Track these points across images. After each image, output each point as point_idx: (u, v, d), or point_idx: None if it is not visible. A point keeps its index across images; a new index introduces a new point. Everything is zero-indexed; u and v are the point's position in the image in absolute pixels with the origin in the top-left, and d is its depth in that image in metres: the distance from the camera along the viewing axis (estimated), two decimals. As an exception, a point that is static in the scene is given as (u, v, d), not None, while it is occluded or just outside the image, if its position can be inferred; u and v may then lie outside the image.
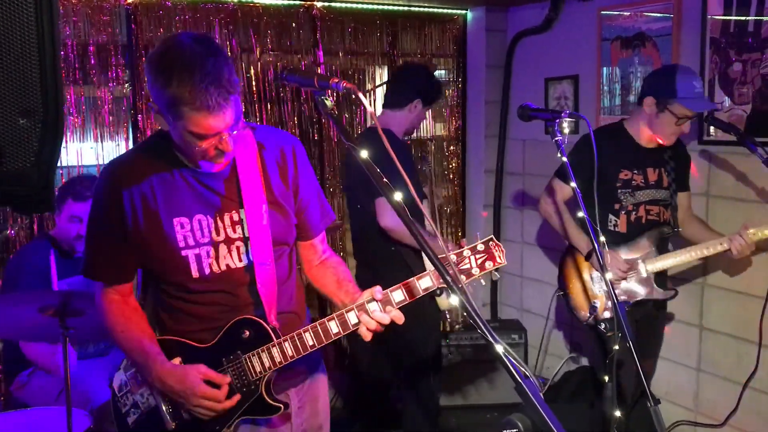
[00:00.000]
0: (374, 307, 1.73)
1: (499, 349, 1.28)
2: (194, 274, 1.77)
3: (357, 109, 4.44)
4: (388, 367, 3.48)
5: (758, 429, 3.33)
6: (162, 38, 3.04)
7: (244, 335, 1.78)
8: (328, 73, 4.23)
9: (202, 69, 1.55)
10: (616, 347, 2.28)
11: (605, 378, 2.36)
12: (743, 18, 3.21)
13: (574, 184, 2.29)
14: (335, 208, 4.21)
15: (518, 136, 4.63)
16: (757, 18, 3.15)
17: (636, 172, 3.05)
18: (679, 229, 3.13)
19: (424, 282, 1.73)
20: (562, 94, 4.25)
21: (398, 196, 1.44)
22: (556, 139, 2.33)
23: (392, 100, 3.38)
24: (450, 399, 4.13)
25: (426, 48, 4.69)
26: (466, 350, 4.18)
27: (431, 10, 4.64)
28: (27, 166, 0.96)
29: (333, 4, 4.24)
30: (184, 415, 1.80)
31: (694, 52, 3.42)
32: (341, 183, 4.23)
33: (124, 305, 1.86)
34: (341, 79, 1.52)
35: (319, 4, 4.19)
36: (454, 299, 1.35)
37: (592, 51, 4.00)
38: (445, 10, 4.69)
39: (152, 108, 1.68)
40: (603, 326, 2.92)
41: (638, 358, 2.09)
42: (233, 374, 1.79)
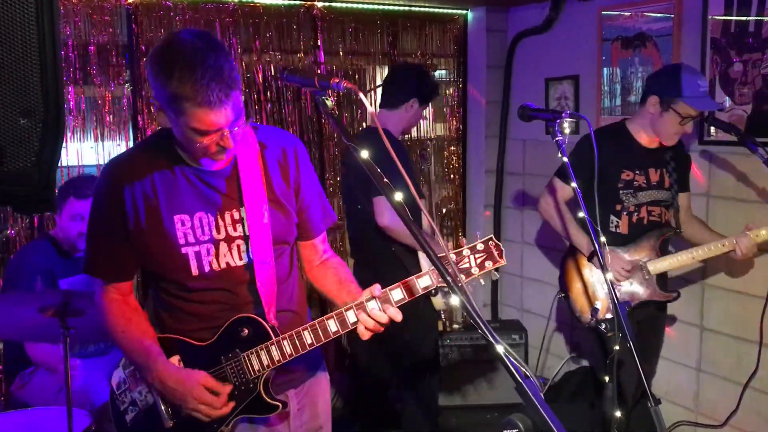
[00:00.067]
0: (373, 305, 1.72)
1: (500, 349, 1.28)
2: (194, 272, 1.77)
3: (357, 110, 4.44)
4: (387, 368, 3.48)
5: (759, 429, 3.32)
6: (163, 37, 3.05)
7: (242, 333, 1.78)
8: (329, 73, 4.25)
9: (203, 65, 1.55)
10: (617, 347, 2.28)
11: (606, 378, 2.36)
12: (744, 18, 3.21)
13: (574, 184, 2.29)
14: (336, 208, 4.21)
15: (518, 137, 4.63)
16: (757, 18, 3.15)
17: (638, 172, 3.04)
18: (680, 231, 3.12)
19: (423, 281, 1.73)
20: (563, 94, 4.25)
21: (399, 195, 1.44)
22: (557, 139, 2.33)
23: (389, 99, 3.38)
24: (450, 399, 4.13)
25: (426, 48, 4.69)
26: (466, 350, 4.18)
27: (432, 10, 4.64)
28: (28, 165, 0.96)
29: (333, 4, 4.24)
30: (181, 414, 1.80)
31: (694, 53, 3.42)
32: (341, 183, 4.23)
33: (124, 305, 1.86)
34: (342, 79, 1.53)
35: (319, 4, 4.19)
36: (454, 299, 1.35)
37: (593, 51, 4.00)
38: (446, 10, 4.69)
39: (154, 104, 1.68)
40: (603, 326, 2.92)
41: (639, 358, 2.09)
42: (232, 372, 1.79)
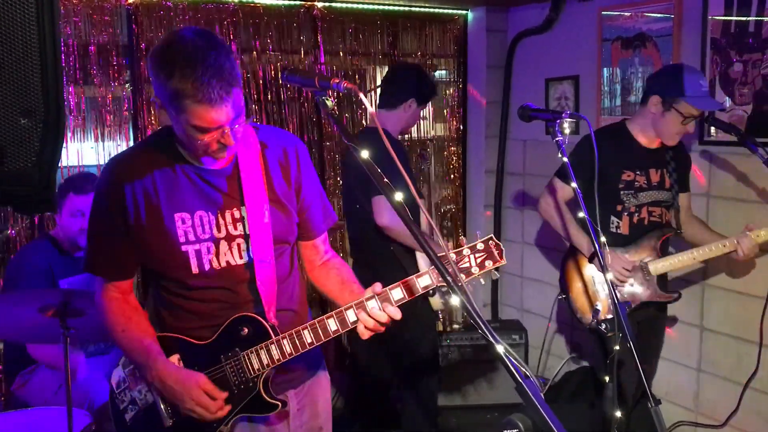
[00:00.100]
0: (373, 305, 1.73)
1: (500, 349, 1.28)
2: (194, 270, 1.77)
3: (357, 110, 4.44)
4: (386, 368, 3.48)
5: (759, 429, 3.32)
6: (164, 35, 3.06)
7: (242, 332, 1.79)
8: (329, 74, 4.25)
9: (204, 62, 1.56)
10: (617, 347, 2.28)
11: (606, 378, 2.36)
12: (744, 18, 3.21)
13: (574, 184, 2.29)
14: (336, 208, 4.21)
15: (519, 137, 4.63)
16: (757, 18, 3.15)
17: (639, 173, 3.03)
18: (681, 231, 3.11)
19: (423, 280, 1.73)
20: (563, 94, 4.25)
21: (399, 195, 1.44)
22: (557, 139, 2.33)
23: (387, 100, 3.38)
24: (450, 399, 4.13)
25: (427, 48, 4.69)
26: (467, 350, 4.18)
27: (432, 10, 4.64)
28: (28, 166, 0.96)
29: (334, 5, 4.24)
30: (181, 413, 1.80)
31: (694, 53, 3.42)
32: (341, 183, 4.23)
33: (124, 303, 1.86)
34: (342, 79, 1.53)
35: (319, 5, 4.19)
36: (454, 299, 1.35)
37: (593, 51, 4.00)
38: (446, 11, 4.69)
39: (155, 102, 1.68)
40: (604, 326, 2.92)
41: (639, 359, 2.09)
42: (231, 371, 1.79)
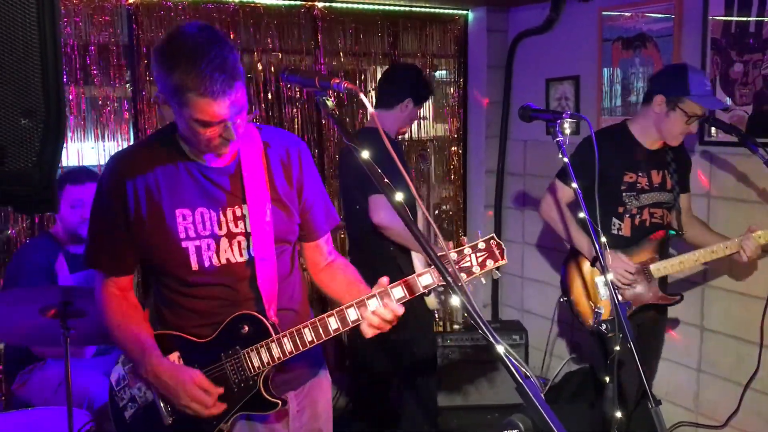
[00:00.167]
0: (374, 303, 1.73)
1: (500, 349, 1.28)
2: (193, 266, 1.77)
3: (358, 110, 4.44)
4: (385, 368, 3.48)
5: (759, 430, 3.32)
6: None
7: (243, 330, 1.79)
8: (329, 74, 4.24)
9: (207, 56, 1.57)
10: (617, 348, 2.27)
11: (606, 379, 2.36)
12: (744, 19, 3.21)
13: (575, 184, 2.29)
14: (336, 208, 4.21)
15: (519, 137, 4.63)
16: (758, 19, 3.15)
17: (640, 174, 3.00)
18: (682, 233, 3.08)
19: (425, 279, 1.73)
20: (563, 94, 4.25)
21: (399, 196, 1.44)
22: (558, 139, 2.32)
23: (383, 100, 3.38)
24: (451, 399, 4.12)
25: (427, 48, 4.69)
26: (467, 350, 4.17)
27: (432, 10, 4.64)
28: (29, 166, 0.96)
29: (334, 5, 4.24)
30: (181, 411, 1.80)
31: (695, 53, 3.42)
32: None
33: (123, 300, 1.87)
34: (342, 79, 1.53)
35: (320, 5, 4.19)
36: (454, 299, 1.35)
37: (593, 51, 4.00)
38: (446, 11, 4.69)
39: (159, 98, 1.68)
40: (604, 327, 2.91)
41: (639, 360, 2.09)
42: (231, 369, 1.79)
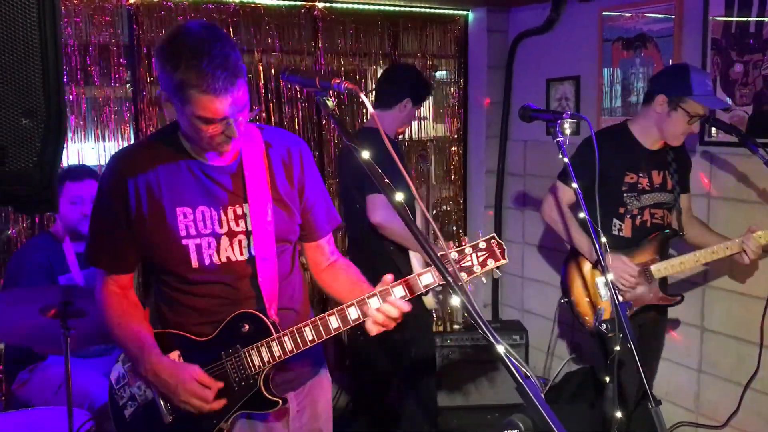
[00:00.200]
0: (375, 302, 1.73)
1: (501, 349, 1.28)
2: (194, 264, 1.77)
3: (358, 110, 4.44)
4: (384, 368, 3.48)
5: (759, 430, 3.32)
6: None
7: (243, 329, 1.79)
8: (330, 74, 4.24)
9: (210, 53, 1.58)
10: (617, 348, 2.27)
11: (606, 379, 2.35)
12: (745, 19, 3.21)
13: (575, 184, 2.29)
14: (336, 208, 4.21)
15: (519, 137, 4.63)
16: (758, 19, 3.15)
17: (641, 175, 2.99)
18: (683, 234, 3.07)
19: (425, 278, 1.73)
20: (564, 95, 4.26)
21: (399, 196, 1.44)
22: (558, 140, 2.32)
23: (382, 100, 3.38)
24: (451, 399, 4.13)
25: (427, 49, 4.69)
26: (467, 350, 4.17)
27: (432, 10, 4.64)
28: (29, 166, 0.96)
29: (334, 5, 4.24)
30: (181, 409, 1.80)
31: (695, 53, 3.42)
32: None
33: (123, 298, 1.87)
34: (343, 79, 1.53)
35: (320, 5, 4.19)
36: (454, 299, 1.35)
37: (594, 52, 4.00)
38: (447, 11, 4.70)
39: (161, 95, 1.69)
40: (604, 327, 2.91)
41: (639, 360, 2.09)
42: (232, 368, 1.79)
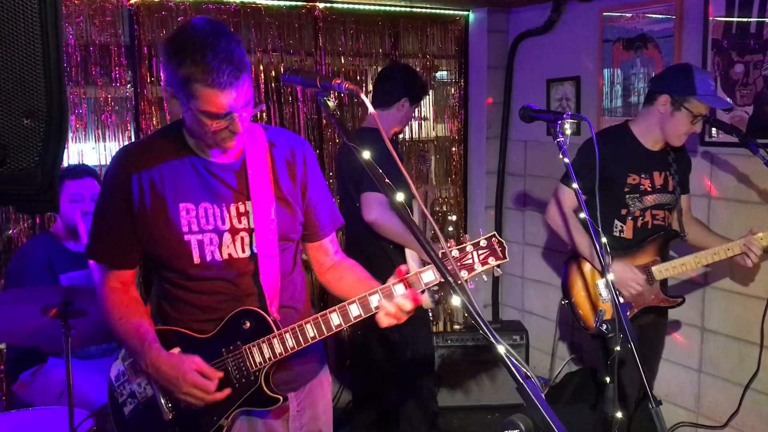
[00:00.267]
0: (376, 300, 1.73)
1: (501, 349, 1.28)
2: (195, 260, 1.78)
3: (359, 110, 4.44)
4: (384, 368, 3.49)
5: (760, 430, 3.32)
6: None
7: (244, 326, 1.79)
8: (330, 74, 4.25)
9: (215, 48, 1.59)
10: (618, 348, 2.27)
11: (606, 379, 2.35)
12: (745, 19, 3.21)
13: (576, 185, 2.29)
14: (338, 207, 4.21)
15: (520, 137, 4.63)
16: (759, 20, 3.15)
17: (643, 176, 2.97)
18: (685, 235, 3.06)
19: (427, 276, 1.73)
20: (564, 95, 4.26)
21: (400, 196, 1.44)
22: (558, 140, 2.32)
23: (379, 100, 3.39)
24: (451, 400, 4.13)
25: (428, 49, 4.70)
26: (468, 351, 4.18)
27: (433, 11, 4.64)
28: (31, 166, 0.96)
29: (335, 5, 4.24)
30: (181, 406, 1.80)
31: (695, 54, 3.42)
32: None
33: (124, 294, 1.87)
34: (343, 80, 1.53)
35: (320, 5, 4.19)
36: (455, 299, 1.35)
37: (594, 52, 4.01)
38: (447, 11, 4.70)
39: (167, 92, 1.71)
40: (605, 327, 2.91)
41: (640, 360, 2.09)
42: (233, 365, 1.79)
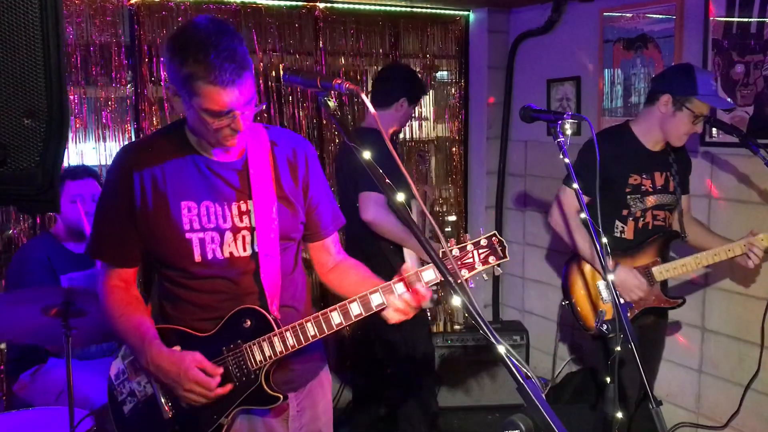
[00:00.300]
0: (377, 298, 1.73)
1: (501, 349, 1.28)
2: (196, 258, 1.78)
3: (359, 110, 4.44)
4: (383, 368, 3.49)
5: (760, 431, 3.32)
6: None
7: (245, 324, 1.79)
8: (331, 74, 4.24)
9: (217, 46, 1.59)
10: (618, 348, 2.27)
11: (607, 379, 2.35)
12: (746, 20, 3.21)
13: (576, 185, 2.29)
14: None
15: (520, 138, 4.63)
16: (759, 20, 3.15)
17: (645, 176, 2.96)
18: (686, 236, 3.05)
19: (427, 274, 1.73)
20: (564, 95, 4.26)
21: (401, 196, 1.44)
22: (559, 140, 2.32)
23: (378, 99, 3.39)
24: (452, 400, 4.13)
25: (428, 49, 4.70)
26: (468, 350, 4.18)
27: (433, 11, 4.64)
28: (32, 166, 0.96)
29: (335, 5, 4.24)
30: (181, 404, 1.80)
31: (696, 54, 3.42)
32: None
33: (125, 292, 1.87)
34: (344, 80, 1.53)
35: (321, 5, 4.19)
36: (455, 299, 1.35)
37: (594, 52, 4.01)
38: (448, 11, 4.70)
39: (169, 89, 1.71)
40: (605, 327, 2.90)
41: (640, 361, 2.09)
42: (233, 363, 1.79)
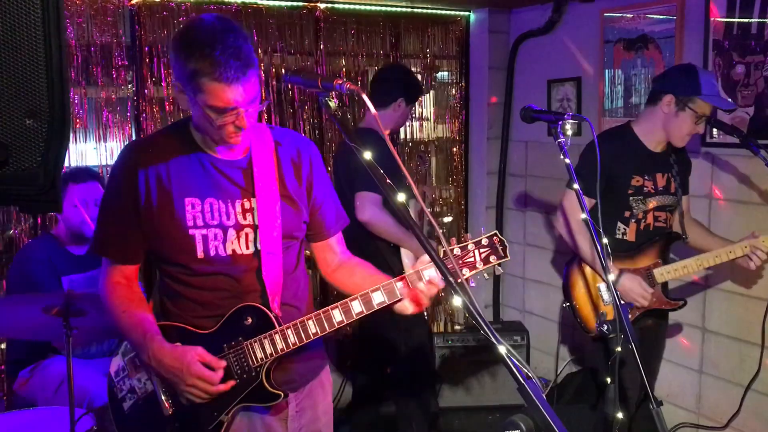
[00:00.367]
0: (379, 297, 1.73)
1: (502, 350, 1.28)
2: (199, 254, 1.78)
3: (359, 110, 4.44)
4: (382, 368, 3.49)
5: (760, 431, 3.32)
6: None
7: (246, 322, 1.79)
8: (332, 75, 4.24)
9: (223, 43, 1.60)
10: (619, 348, 2.27)
11: (607, 380, 2.35)
12: (746, 20, 3.21)
13: (576, 185, 2.29)
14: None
15: (521, 138, 4.63)
16: (760, 20, 3.15)
17: (647, 178, 2.95)
18: (686, 237, 3.04)
19: (428, 273, 1.73)
20: (565, 95, 4.26)
21: (401, 196, 1.44)
22: (559, 140, 2.32)
23: (376, 100, 3.38)
24: (452, 400, 4.13)
25: (429, 49, 4.70)
26: (468, 351, 4.18)
27: (434, 11, 4.65)
28: (33, 166, 0.97)
29: (336, 6, 4.25)
30: (181, 401, 1.80)
31: (696, 55, 3.42)
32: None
33: (127, 289, 1.88)
34: (345, 80, 1.53)
35: (322, 6, 4.19)
36: (456, 299, 1.35)
37: (595, 53, 4.01)
38: (448, 12, 4.70)
39: (175, 86, 1.72)
40: (606, 327, 2.90)
41: (641, 362, 2.09)
42: (234, 361, 1.79)
